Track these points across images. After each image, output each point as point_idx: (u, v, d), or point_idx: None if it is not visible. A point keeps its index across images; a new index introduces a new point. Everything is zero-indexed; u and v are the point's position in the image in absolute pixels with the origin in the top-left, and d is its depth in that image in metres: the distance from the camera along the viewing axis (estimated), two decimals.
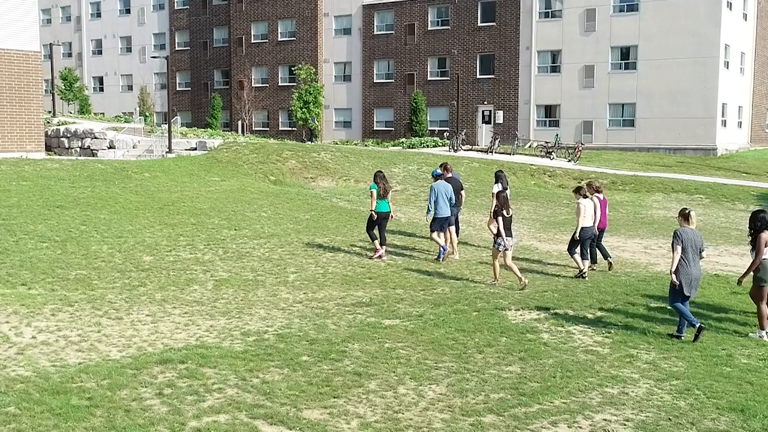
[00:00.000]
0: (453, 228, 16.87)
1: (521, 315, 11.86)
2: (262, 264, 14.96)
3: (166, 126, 41.37)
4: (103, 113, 58.86)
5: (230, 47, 58.46)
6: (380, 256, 15.89)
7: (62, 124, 39.29)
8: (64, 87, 54.87)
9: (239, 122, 55.26)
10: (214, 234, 17.69)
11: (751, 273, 10.88)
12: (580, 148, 39.13)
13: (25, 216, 17.91)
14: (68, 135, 36.69)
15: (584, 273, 14.67)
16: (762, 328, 10.73)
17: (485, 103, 48.22)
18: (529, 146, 43.94)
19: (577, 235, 14.62)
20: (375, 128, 52.33)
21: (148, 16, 63.33)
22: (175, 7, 61.59)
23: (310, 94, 44.89)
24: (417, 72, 50.52)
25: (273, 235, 18.01)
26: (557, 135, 42.78)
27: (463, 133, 43.55)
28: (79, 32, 67.59)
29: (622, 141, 43.91)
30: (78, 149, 36.25)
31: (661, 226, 22.97)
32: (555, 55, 46.09)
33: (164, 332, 10.22)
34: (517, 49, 46.83)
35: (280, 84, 55.98)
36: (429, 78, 50.25)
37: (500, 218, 13.59)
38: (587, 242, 14.84)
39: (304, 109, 44.93)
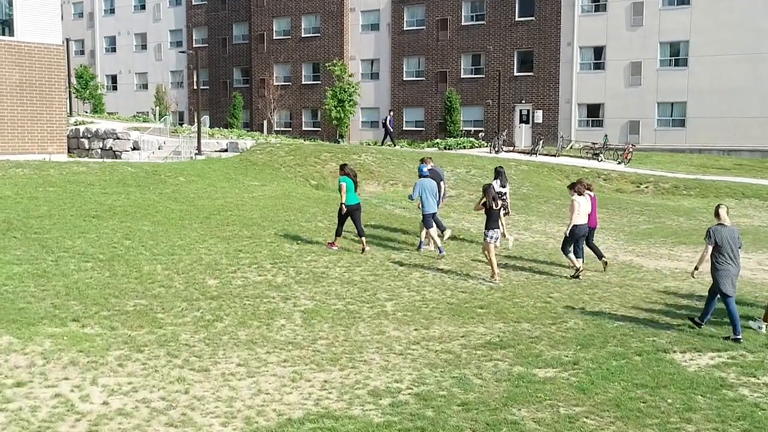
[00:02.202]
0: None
1: (692, 359, 9.59)
2: (347, 288, 12.63)
3: (188, 126, 39.11)
4: (116, 113, 56.56)
5: (251, 44, 56.14)
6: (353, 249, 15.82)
7: (80, 123, 37.06)
8: (79, 85, 52.58)
9: (264, 122, 52.93)
10: (277, 249, 15.37)
11: None
12: (631, 150, 36.73)
13: (59, 228, 15.63)
14: (89, 135, 34.43)
15: (579, 272, 14.25)
16: (765, 320, 10.76)
17: (523, 102, 45.82)
18: (571, 147, 41.58)
19: (568, 232, 14.26)
20: (404, 128, 49.94)
21: (164, 12, 61.01)
22: (193, 3, 59.27)
23: (345, 91, 42.41)
24: (450, 69, 48.12)
25: (342, 250, 15.71)
26: (606, 136, 40.38)
27: (504, 134, 41.16)
28: (92, 29, 65.31)
29: (672, 142, 41.49)
30: (99, 150, 33.99)
31: (758, 236, 20.51)
32: (599, 51, 43.66)
33: (270, 392, 7.89)
34: (558, 45, 44.42)
35: (303, 82, 53.65)
36: (462, 76, 47.83)
37: (489, 211, 13.61)
38: (581, 240, 14.44)
39: (338, 108, 42.47)
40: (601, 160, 36.65)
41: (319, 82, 52.11)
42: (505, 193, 17.38)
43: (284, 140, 36.64)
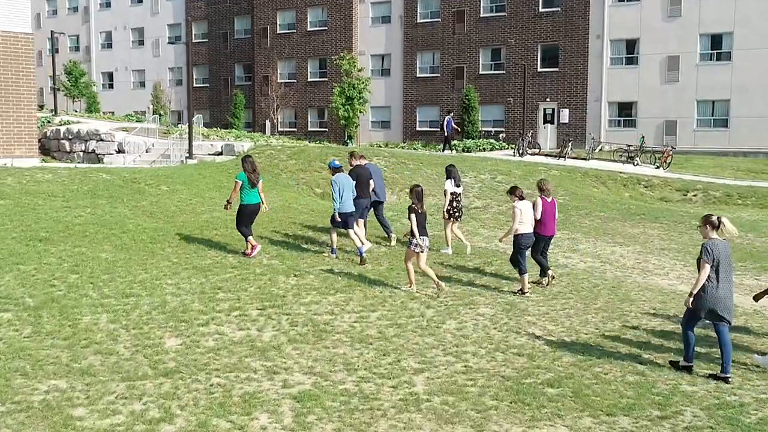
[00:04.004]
0: (362, 221, 15.07)
1: None
2: (359, 351, 9.13)
3: (184, 126, 35.72)
4: (113, 112, 53.30)
5: (253, 39, 52.68)
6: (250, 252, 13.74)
7: (64, 123, 33.72)
8: (69, 82, 49.19)
9: (267, 122, 49.41)
10: (268, 285, 11.90)
11: None
12: (670, 153, 33.13)
13: None
14: (70, 137, 31.06)
15: (525, 289, 12.32)
16: None
17: (547, 100, 42.18)
18: (600, 149, 38.00)
19: (503, 239, 12.92)
20: (417, 129, 46.38)
21: (162, 6, 57.59)
22: None
23: (354, 88, 38.67)
24: (467, 65, 44.50)
25: (350, 286, 12.22)
26: (642, 137, 36.69)
27: (529, 135, 37.55)
28: (87, 24, 61.98)
29: (713, 144, 37.83)
30: (81, 153, 30.62)
31: None
32: (631, 45, 39.99)
33: None
34: (586, 38, 40.77)
35: (309, 79, 50.14)
36: (481, 71, 44.20)
37: (413, 215, 11.82)
38: (524, 252, 12.44)
39: (347, 106, 38.76)
40: (637, 164, 33.15)
41: (326, 79, 48.62)
42: (460, 194, 15.46)
43: (286, 142, 33.19)
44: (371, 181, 15.19)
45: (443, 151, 35.76)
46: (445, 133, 36.50)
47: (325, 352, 9.05)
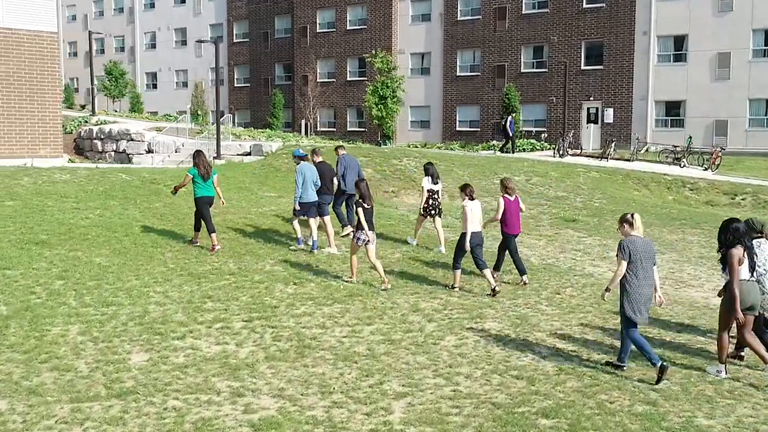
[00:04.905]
0: (328, 218, 14.95)
1: None
2: (341, 370, 8.36)
3: (224, 126, 35.47)
4: (156, 112, 53.57)
5: (293, 38, 52.34)
6: (214, 247, 13.74)
7: (100, 123, 33.74)
8: (109, 82, 49.51)
9: (302, 122, 49.00)
10: (261, 294, 11.22)
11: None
12: (719, 154, 31.54)
13: None
14: (101, 137, 30.99)
15: (456, 287, 12.22)
16: (721, 361, 8.73)
17: (591, 99, 40.75)
18: (647, 150, 36.49)
19: (466, 244, 12.01)
20: (457, 129, 45.36)
21: (204, 6, 57.71)
22: None
23: (387, 87, 37.84)
24: (508, 63, 43.32)
25: (351, 295, 11.45)
26: (690, 137, 35.14)
27: (570, 135, 36.27)
28: (132, 24, 62.55)
29: (766, 144, 35.97)
30: (113, 153, 30.52)
31: None
32: (680, 41, 38.30)
33: None
34: (632, 35, 39.22)
35: (348, 78, 49.55)
36: (522, 70, 42.98)
37: (360, 209, 11.92)
38: (478, 249, 12.17)
39: (380, 106, 37.98)
40: (684, 166, 31.66)
41: (365, 79, 47.95)
42: (438, 192, 15.47)
43: (318, 142, 32.59)
44: (336, 177, 15.44)
45: (505, 152, 34.55)
46: (510, 133, 35.22)
47: (303, 371, 8.30)
